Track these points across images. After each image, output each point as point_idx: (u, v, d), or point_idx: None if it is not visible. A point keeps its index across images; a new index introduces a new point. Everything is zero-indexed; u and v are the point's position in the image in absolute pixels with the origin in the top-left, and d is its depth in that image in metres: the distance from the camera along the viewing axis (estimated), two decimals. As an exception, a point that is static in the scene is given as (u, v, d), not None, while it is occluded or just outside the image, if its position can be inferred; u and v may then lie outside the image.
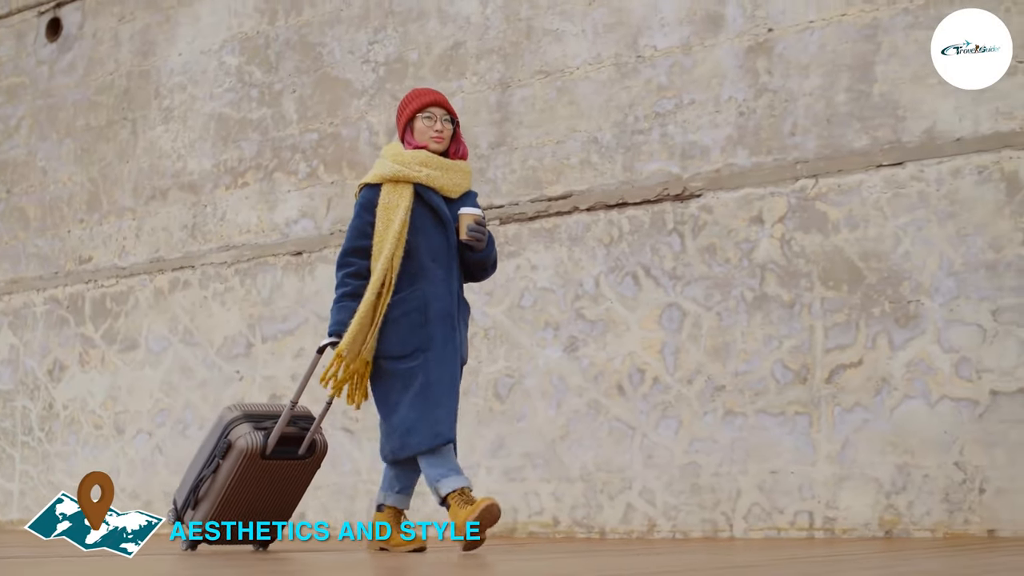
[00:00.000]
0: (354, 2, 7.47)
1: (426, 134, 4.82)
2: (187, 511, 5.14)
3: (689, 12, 6.38)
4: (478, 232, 4.77)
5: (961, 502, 5.51)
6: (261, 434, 5.04)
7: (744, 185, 6.11)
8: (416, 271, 4.73)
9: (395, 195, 4.74)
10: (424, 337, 4.69)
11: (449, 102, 4.91)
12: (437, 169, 4.79)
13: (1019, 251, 5.49)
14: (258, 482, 5.04)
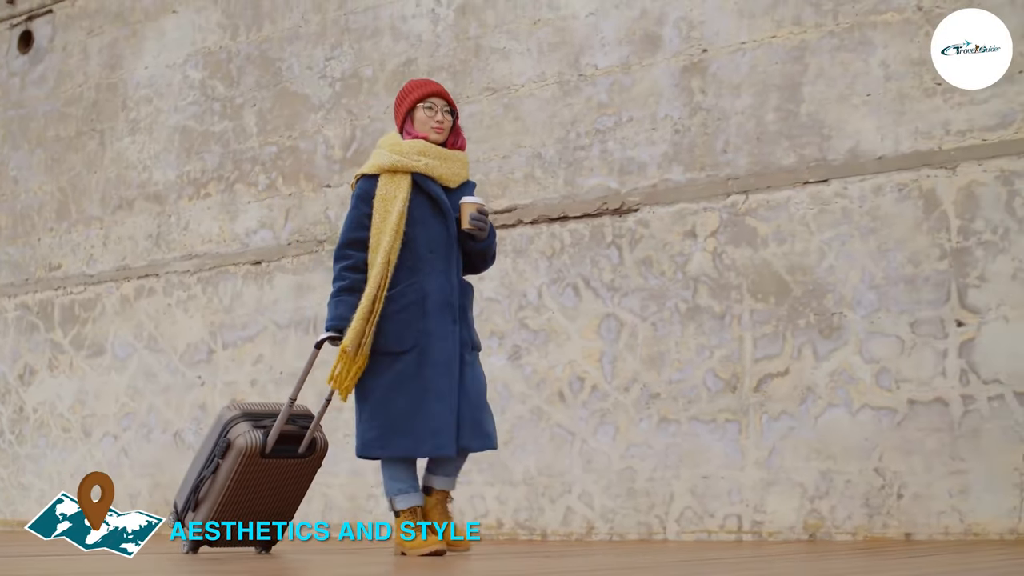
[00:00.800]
0: (312, 19, 7.70)
1: (427, 124, 4.78)
2: (188, 512, 5.10)
3: (628, 33, 6.61)
4: (480, 221, 4.71)
5: (880, 507, 5.74)
6: (260, 432, 5.01)
7: (679, 200, 6.34)
8: (414, 262, 4.67)
9: (393, 185, 4.69)
10: (420, 333, 4.63)
11: (448, 93, 4.89)
12: (436, 158, 4.74)
13: (936, 266, 5.72)
14: (259, 481, 5.01)
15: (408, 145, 4.74)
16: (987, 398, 5.56)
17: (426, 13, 7.26)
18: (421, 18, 7.28)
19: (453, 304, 4.71)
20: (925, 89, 5.83)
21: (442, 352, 4.64)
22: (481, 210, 4.73)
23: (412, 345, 4.62)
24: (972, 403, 5.58)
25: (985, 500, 5.52)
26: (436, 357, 4.63)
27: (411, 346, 4.63)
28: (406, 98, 4.83)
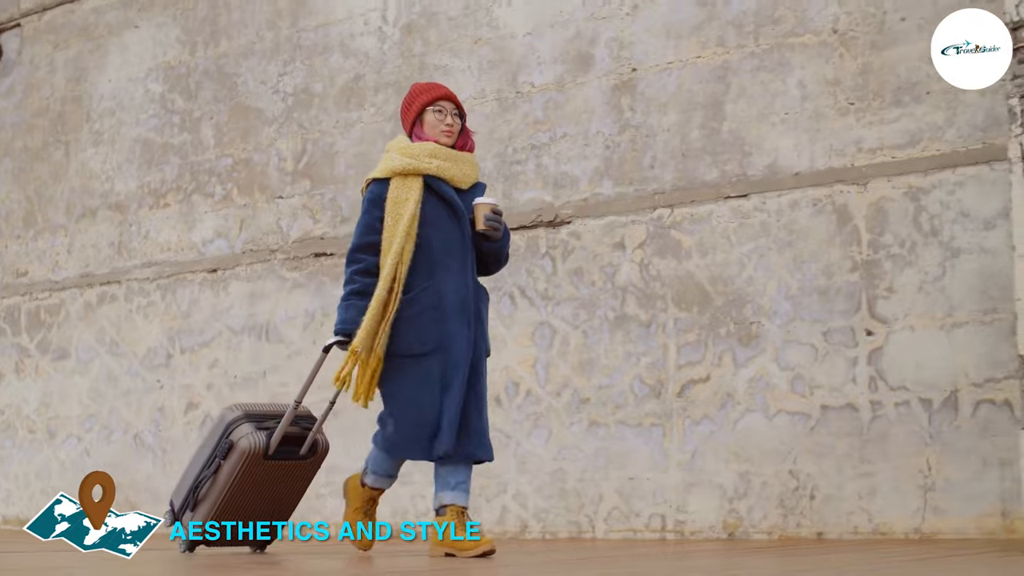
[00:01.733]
0: (266, 36, 7.97)
1: (436, 128, 4.76)
2: (186, 512, 5.10)
3: (563, 52, 6.88)
4: (495, 222, 4.69)
5: (794, 507, 6.02)
6: (263, 434, 5.01)
7: (608, 213, 6.62)
8: (430, 265, 4.64)
9: (404, 188, 4.66)
10: (442, 334, 4.60)
11: (456, 96, 4.89)
12: (447, 160, 4.72)
13: (847, 278, 5.99)
14: (259, 483, 5.02)
15: (419, 148, 4.72)
16: (894, 404, 5.83)
17: (374, 31, 7.54)
18: (369, 36, 7.56)
19: (469, 306, 4.70)
20: (839, 108, 6.10)
21: (460, 354, 4.62)
22: (495, 210, 4.71)
23: (434, 347, 4.60)
24: (880, 409, 5.85)
25: (892, 501, 5.80)
26: (456, 359, 4.61)
27: (433, 348, 4.60)
28: (414, 102, 4.83)
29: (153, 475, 8.04)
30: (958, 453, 5.66)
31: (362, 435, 5.81)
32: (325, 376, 4.99)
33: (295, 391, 7.39)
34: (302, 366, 7.51)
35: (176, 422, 8.00)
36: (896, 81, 5.99)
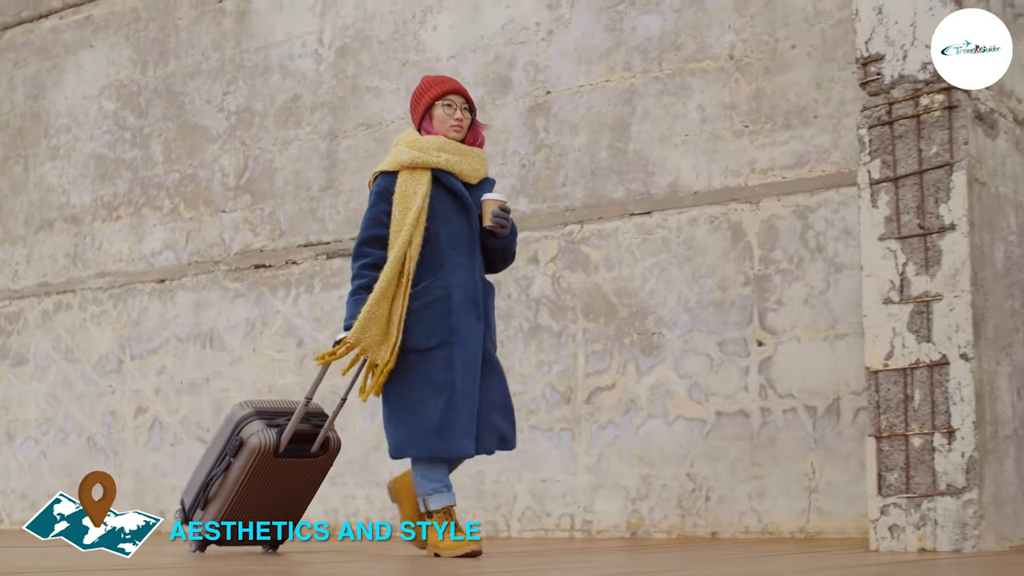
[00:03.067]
0: (212, 56, 8.33)
1: (446, 122, 4.73)
2: (196, 511, 5.07)
3: (484, 75, 7.24)
4: (503, 218, 4.67)
5: (691, 508, 6.38)
6: (274, 431, 4.97)
7: (524, 228, 6.97)
8: (437, 259, 4.61)
9: (412, 182, 4.62)
10: (449, 328, 4.57)
11: (467, 90, 4.88)
12: (455, 154, 4.69)
13: (741, 291, 6.35)
14: (270, 481, 4.98)
15: (427, 141, 4.68)
16: (782, 411, 6.19)
17: (310, 53, 7.90)
18: (306, 57, 7.92)
19: (478, 301, 4.66)
20: (735, 131, 6.46)
21: (470, 349, 4.59)
22: (503, 207, 4.69)
23: (440, 341, 4.57)
24: (769, 415, 6.21)
25: (779, 502, 6.16)
26: (464, 354, 4.57)
27: (439, 342, 4.57)
28: (424, 96, 4.78)
29: (105, 476, 8.41)
30: (840, 457, 6.01)
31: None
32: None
33: (237, 397, 7.86)
34: (243, 372, 7.89)
35: (127, 425, 8.37)
36: (787, 105, 6.34)
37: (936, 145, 4.83)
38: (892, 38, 4.96)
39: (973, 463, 4.65)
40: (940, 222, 4.78)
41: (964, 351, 4.69)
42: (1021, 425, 4.94)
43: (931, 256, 4.78)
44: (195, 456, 7.91)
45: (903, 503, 4.76)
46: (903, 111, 4.91)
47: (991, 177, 4.92)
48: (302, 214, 7.79)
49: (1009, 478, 4.84)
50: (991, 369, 4.79)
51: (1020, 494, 4.91)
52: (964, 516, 4.64)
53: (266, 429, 4.99)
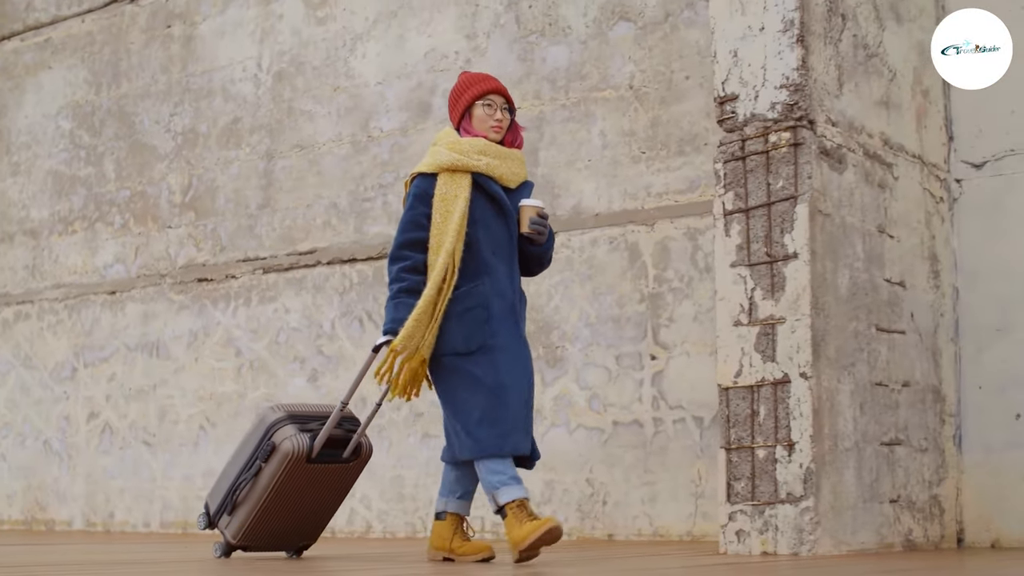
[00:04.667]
0: (160, 79, 8.77)
1: (486, 123, 4.64)
2: (222, 515, 4.98)
3: (407, 101, 7.65)
4: (540, 225, 4.60)
5: (590, 512, 6.79)
6: (307, 437, 4.85)
7: (442, 247, 7.38)
8: (477, 265, 4.53)
9: (453, 185, 4.53)
10: (489, 333, 4.51)
11: (506, 89, 4.80)
12: (496, 158, 4.60)
13: (636, 308, 6.75)
14: (301, 486, 4.89)
15: (468, 143, 4.60)
16: (672, 421, 6.59)
17: (250, 77, 8.33)
18: (246, 81, 8.35)
19: (516, 309, 4.63)
20: (633, 157, 6.86)
21: (514, 350, 4.56)
22: (541, 213, 4.62)
23: (479, 346, 4.51)
24: (661, 425, 6.61)
25: (669, 507, 6.56)
26: (506, 354, 4.53)
27: (479, 346, 4.51)
28: (463, 94, 4.69)
29: (60, 477, 8.86)
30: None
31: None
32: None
33: (181, 403, 8.30)
34: (186, 381, 8.33)
35: (80, 430, 8.82)
36: (680, 133, 6.73)
37: (782, 179, 5.23)
38: (746, 79, 5.36)
39: (810, 474, 5.05)
40: (784, 251, 5.17)
41: (803, 370, 5.09)
42: (863, 438, 5.33)
43: (776, 282, 5.18)
44: (142, 459, 8.37)
45: (748, 510, 5.16)
46: (754, 147, 5.31)
47: (836, 208, 5.31)
48: (241, 230, 8.22)
49: (849, 487, 5.24)
50: (831, 387, 5.18)
51: (861, 502, 5.30)
52: (801, 522, 5.03)
53: (299, 434, 4.86)
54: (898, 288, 5.66)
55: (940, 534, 5.83)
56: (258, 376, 8.02)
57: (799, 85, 5.23)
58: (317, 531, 5.25)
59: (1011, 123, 6.03)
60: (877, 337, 5.49)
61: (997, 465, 5.92)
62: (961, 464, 6.00)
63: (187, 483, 8.22)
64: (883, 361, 5.52)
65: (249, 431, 5.03)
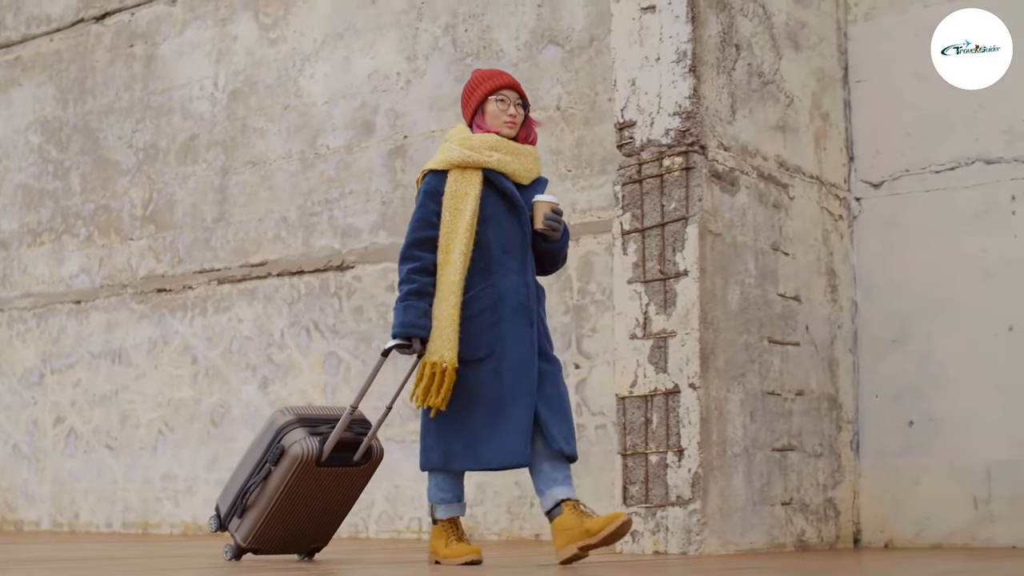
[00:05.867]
0: (123, 96, 9.13)
1: (499, 118, 4.58)
2: (232, 518, 4.95)
3: (352, 120, 8.00)
4: (554, 221, 4.54)
5: (519, 513, 7.12)
6: (317, 440, 4.82)
7: (383, 260, 7.73)
8: (488, 263, 4.48)
9: (464, 182, 4.48)
10: (495, 338, 4.45)
11: (520, 84, 4.75)
12: (508, 153, 4.55)
13: (562, 319, 7.08)
14: (310, 490, 4.87)
15: (479, 139, 4.55)
16: (594, 427, 6.92)
17: (207, 96, 8.68)
18: (203, 100, 8.70)
19: (530, 307, 4.52)
20: (560, 174, 7.19)
21: (519, 357, 4.45)
22: (555, 209, 4.56)
23: (487, 352, 4.45)
24: (584, 431, 6.94)
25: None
26: (513, 362, 4.44)
27: (486, 353, 4.45)
28: (476, 90, 4.64)
29: (29, 479, 9.23)
30: (641, 468, 6.74)
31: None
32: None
33: (141, 409, 8.68)
34: (146, 387, 8.69)
35: (47, 434, 9.19)
36: (603, 152, 7.06)
37: (675, 201, 5.57)
38: (643, 107, 5.69)
39: (698, 478, 5.38)
40: (676, 268, 5.51)
41: (692, 381, 5.42)
42: (752, 445, 5.67)
43: (668, 298, 5.51)
44: (105, 462, 8.73)
45: (642, 512, 5.50)
46: (650, 171, 5.65)
47: (727, 228, 5.64)
48: (197, 243, 8.58)
49: (738, 491, 5.57)
50: (720, 396, 5.51)
51: (750, 504, 5.63)
52: (689, 523, 5.37)
53: (308, 437, 4.82)
54: (792, 302, 5.99)
55: (836, 535, 6.16)
56: (213, 383, 8.38)
57: (691, 112, 5.56)
58: (328, 534, 5.21)
59: (907, 144, 6.36)
60: (769, 349, 5.82)
61: (892, 469, 6.25)
62: (858, 468, 6.33)
63: (147, 485, 8.58)
64: (776, 371, 5.85)
65: (259, 434, 5.01)
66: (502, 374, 4.44)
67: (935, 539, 6.16)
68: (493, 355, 4.45)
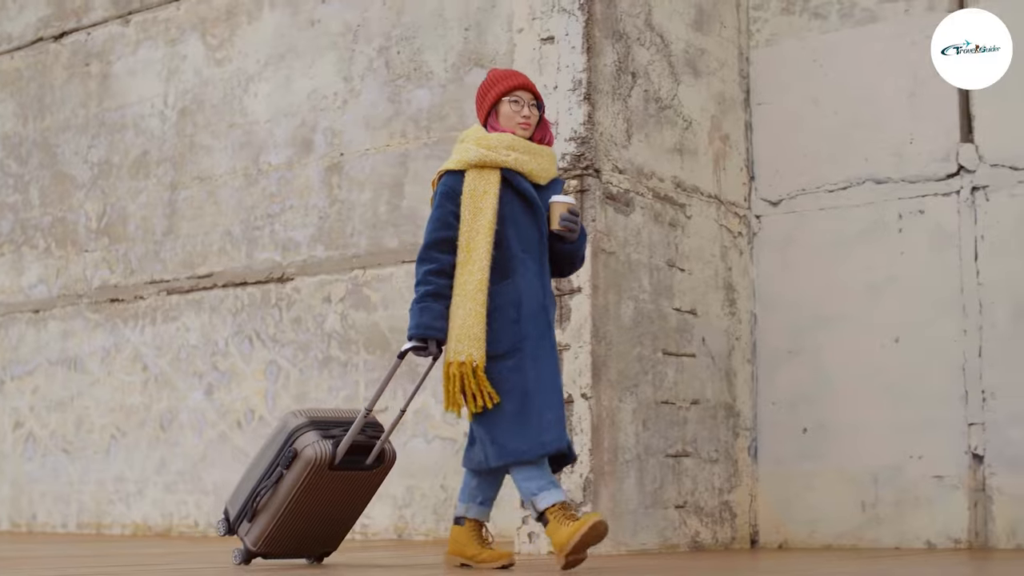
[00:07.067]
0: (79, 113, 9.48)
1: (513, 119, 4.57)
2: (242, 522, 4.87)
3: (293, 137, 8.34)
4: (571, 222, 4.51)
5: (444, 514, 7.46)
6: (330, 443, 4.75)
7: (320, 272, 8.07)
8: (507, 264, 4.45)
9: (482, 182, 4.46)
10: (518, 334, 4.43)
11: (535, 85, 4.75)
12: (525, 153, 4.52)
13: (486, 329, 7.42)
14: (322, 493, 4.80)
15: (496, 139, 4.53)
16: (515, 432, 7.25)
17: (157, 113, 9.03)
18: (154, 117, 9.05)
19: (547, 309, 4.53)
20: (484, 191, 7.52)
21: (543, 351, 4.46)
22: (572, 210, 4.53)
23: (509, 348, 4.44)
24: (505, 436, 7.27)
25: (506, 511, 7.20)
26: (537, 354, 4.44)
27: (508, 349, 4.43)
28: (490, 91, 4.62)
29: (-10, 482, 9.61)
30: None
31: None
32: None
33: (95, 414, 9.03)
34: (100, 393, 9.04)
35: (7, 438, 9.54)
36: (524, 171, 7.39)
37: (571, 222, 5.89)
38: (542, 132, 6.02)
39: (589, 483, 5.72)
40: (570, 285, 5.84)
41: (584, 391, 5.76)
42: (645, 451, 6.00)
43: (564, 313, 5.85)
44: (61, 465, 9.08)
45: (538, 515, 5.83)
46: (548, 193, 5.97)
47: (621, 247, 5.97)
48: (148, 255, 8.92)
49: (630, 495, 5.91)
50: (612, 406, 5.85)
51: (643, 508, 5.97)
52: (581, 526, 5.70)
53: (321, 440, 4.75)
54: (689, 316, 6.33)
55: (732, 536, 6.50)
56: (162, 389, 8.73)
57: (585, 138, 5.90)
58: (338, 538, 5.16)
59: (803, 165, 6.70)
60: (664, 360, 6.16)
61: (787, 474, 6.59)
62: (756, 473, 6.67)
63: (100, 487, 8.93)
64: (670, 382, 6.19)
65: (270, 436, 4.93)
66: (527, 362, 4.42)
67: (826, 540, 6.50)
68: (515, 352, 4.43)
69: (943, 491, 6.22)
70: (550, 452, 4.41)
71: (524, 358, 4.41)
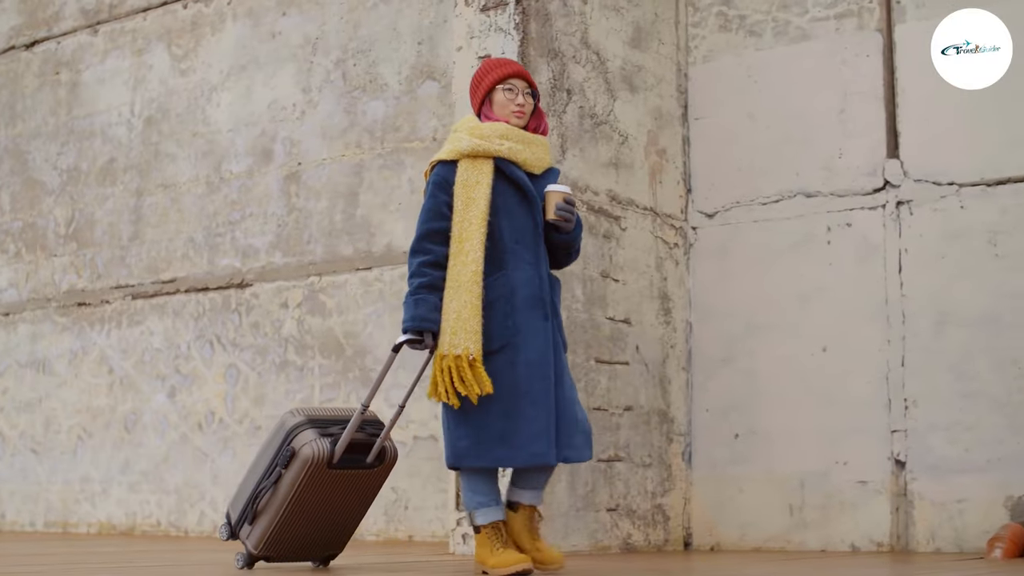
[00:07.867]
0: (49, 121, 9.69)
1: (507, 108, 4.50)
2: (243, 525, 4.80)
3: (253, 146, 8.56)
4: (567, 212, 4.44)
5: (394, 515, 7.67)
6: (328, 441, 4.67)
7: (278, 279, 8.28)
8: (499, 254, 4.38)
9: (474, 171, 4.39)
10: (510, 330, 4.35)
11: (529, 74, 4.69)
12: (519, 142, 4.45)
13: (435, 336, 7.63)
14: (323, 493, 4.74)
15: (489, 128, 4.46)
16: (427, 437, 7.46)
17: (124, 122, 9.24)
18: (121, 125, 9.26)
19: (544, 299, 4.43)
20: (435, 201, 7.73)
21: (535, 351, 4.35)
22: (568, 199, 4.47)
23: (502, 344, 4.34)
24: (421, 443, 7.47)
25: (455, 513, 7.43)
26: (529, 356, 4.34)
27: (500, 345, 4.34)
28: (484, 79, 4.56)
29: (-39, 481, 9.82)
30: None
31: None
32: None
33: (64, 415, 9.26)
34: (67, 394, 9.25)
35: (-22, 438, 9.77)
36: (473, 181, 7.60)
37: (504, 234, 6.10)
38: (478, 147, 6.22)
39: (519, 487, 5.92)
40: (504, 296, 6.05)
41: (516, 398, 5.96)
42: (576, 456, 6.21)
43: (497, 322, 6.05)
44: (29, 465, 9.30)
45: (471, 517, 6.04)
46: (483, 206, 6.17)
47: (554, 258, 6.17)
48: (114, 260, 9.14)
49: (561, 498, 6.11)
50: (543, 412, 6.05)
51: (574, 510, 6.18)
52: (511, 528, 5.90)
53: (319, 439, 4.66)
54: (622, 325, 6.54)
55: (664, 539, 6.71)
56: (127, 392, 8.94)
57: (519, 154, 6.09)
58: (343, 539, 5.10)
59: (738, 178, 6.90)
60: (597, 368, 6.37)
61: (720, 478, 6.80)
62: (690, 477, 6.88)
63: (67, 487, 9.14)
64: (603, 389, 6.39)
65: (268, 437, 4.86)
66: (518, 368, 4.33)
67: (756, 543, 6.71)
68: (508, 347, 4.35)
69: (867, 496, 6.43)
70: (535, 464, 4.37)
71: (518, 359, 4.33)
